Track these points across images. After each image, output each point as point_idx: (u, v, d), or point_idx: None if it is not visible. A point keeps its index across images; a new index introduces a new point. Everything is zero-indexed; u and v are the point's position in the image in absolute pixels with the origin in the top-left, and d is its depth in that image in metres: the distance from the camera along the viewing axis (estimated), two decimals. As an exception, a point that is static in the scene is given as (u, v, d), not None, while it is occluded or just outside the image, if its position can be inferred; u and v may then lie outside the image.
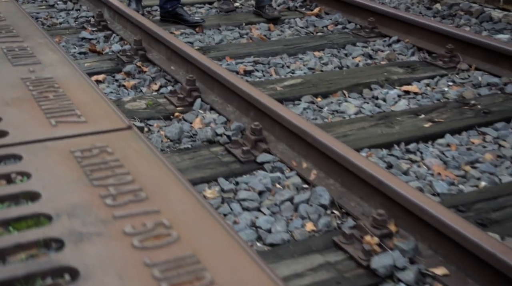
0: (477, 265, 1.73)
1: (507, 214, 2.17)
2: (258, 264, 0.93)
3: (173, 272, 0.89)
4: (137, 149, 1.29)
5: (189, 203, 1.09)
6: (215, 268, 0.91)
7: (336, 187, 2.24)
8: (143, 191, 1.11)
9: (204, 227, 1.02)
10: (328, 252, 1.93)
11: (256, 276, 0.91)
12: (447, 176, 2.47)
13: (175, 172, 1.19)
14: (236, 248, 0.97)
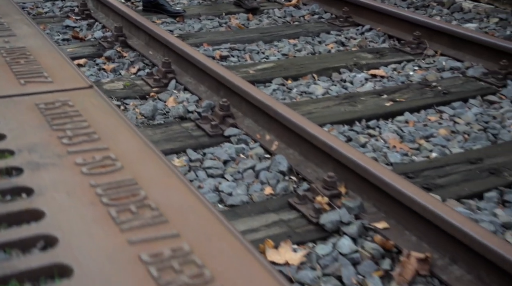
0: (413, 219, 1.90)
1: (451, 180, 2.34)
2: (187, 185, 1.10)
3: (113, 190, 1.06)
4: (95, 104, 1.45)
5: (135, 143, 1.26)
6: (149, 188, 1.08)
7: (294, 155, 2.42)
8: (96, 134, 1.27)
9: (146, 161, 1.19)
10: (282, 212, 2.11)
11: (183, 194, 1.08)
12: (402, 148, 2.65)
13: (126, 120, 1.36)
14: (171, 175, 1.14)
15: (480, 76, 3.45)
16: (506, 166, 2.45)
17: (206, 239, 0.90)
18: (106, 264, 0.84)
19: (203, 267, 0.82)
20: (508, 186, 2.33)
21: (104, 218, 0.98)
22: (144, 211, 0.98)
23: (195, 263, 0.82)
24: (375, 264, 1.83)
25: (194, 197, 1.05)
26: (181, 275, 0.80)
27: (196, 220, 0.96)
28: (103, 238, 0.91)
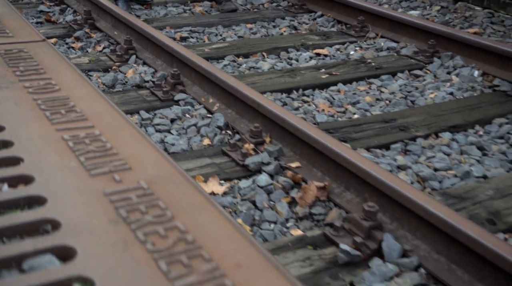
0: (320, 159, 2.28)
1: (365, 135, 2.73)
2: (112, 106, 1.47)
3: (50, 102, 1.43)
4: (46, 52, 1.82)
5: (73, 76, 1.63)
6: (78, 103, 1.45)
7: (232, 114, 2.80)
8: (43, 70, 1.64)
9: (78, 87, 1.56)
10: (216, 157, 2.48)
11: (103, 106, 1.45)
12: (329, 111, 3.04)
13: (71, 65, 1.73)
14: (97, 96, 1.51)
15: (411, 55, 3.85)
16: (415, 124, 2.85)
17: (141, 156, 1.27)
18: (38, 141, 1.21)
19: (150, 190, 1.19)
20: (413, 139, 2.73)
21: (41, 117, 1.35)
22: (70, 113, 1.35)
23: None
24: (285, 193, 2.21)
25: (117, 114, 1.43)
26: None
27: (109, 121, 1.34)
28: (37, 127, 1.28)
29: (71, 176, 1.06)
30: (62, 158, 1.13)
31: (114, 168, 1.09)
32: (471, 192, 2.26)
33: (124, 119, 1.34)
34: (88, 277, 0.77)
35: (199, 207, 0.96)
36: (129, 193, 0.99)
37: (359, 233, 1.91)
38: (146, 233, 0.87)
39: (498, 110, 3.06)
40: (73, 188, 1.01)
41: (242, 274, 0.78)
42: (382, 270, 1.79)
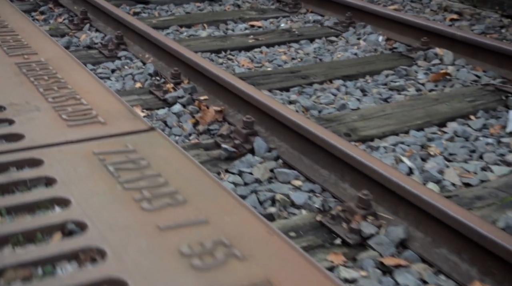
0: (223, 92, 2.87)
1: (271, 81, 3.33)
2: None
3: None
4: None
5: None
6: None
7: (161, 64, 3.39)
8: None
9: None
10: (143, 95, 3.07)
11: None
12: (248, 66, 3.64)
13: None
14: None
15: (331, 25, 4.46)
16: (314, 74, 3.45)
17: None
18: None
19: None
20: (310, 84, 3.32)
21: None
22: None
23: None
24: (191, 116, 2.80)
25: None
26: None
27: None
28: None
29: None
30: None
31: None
32: (340, 117, 2.87)
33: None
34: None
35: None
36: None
37: (239, 138, 2.50)
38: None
39: (389, 64, 3.67)
40: None
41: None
42: (250, 161, 2.38)
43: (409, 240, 1.90)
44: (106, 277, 0.82)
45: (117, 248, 0.88)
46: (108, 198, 1.01)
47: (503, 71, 3.42)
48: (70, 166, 1.11)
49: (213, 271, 0.84)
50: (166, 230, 0.93)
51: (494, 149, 2.64)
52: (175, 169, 1.12)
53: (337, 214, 2.01)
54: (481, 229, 1.72)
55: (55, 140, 1.21)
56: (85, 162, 1.13)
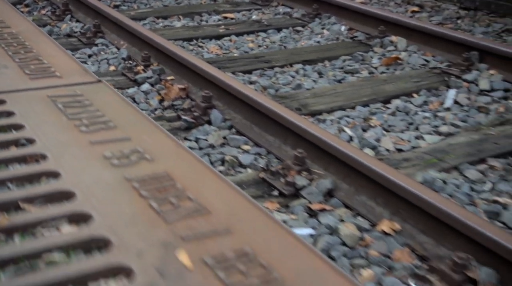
0: (187, 73, 3.15)
1: (235, 65, 3.61)
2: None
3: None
4: None
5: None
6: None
7: (134, 50, 3.67)
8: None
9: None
10: (116, 76, 3.34)
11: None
12: (216, 52, 3.92)
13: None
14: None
15: (299, 17, 4.75)
16: (277, 59, 3.73)
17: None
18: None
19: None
20: (271, 67, 3.61)
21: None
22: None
23: None
24: (157, 93, 3.08)
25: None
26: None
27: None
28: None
29: None
30: None
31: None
32: (294, 95, 3.15)
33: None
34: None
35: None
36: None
37: (198, 111, 2.78)
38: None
39: (347, 51, 3.96)
40: None
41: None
42: (207, 130, 2.66)
43: (335, 190, 2.19)
44: (46, 171, 1.10)
45: (57, 154, 1.16)
46: (55, 125, 1.29)
47: (450, 56, 3.72)
48: (28, 105, 1.39)
49: (127, 167, 1.12)
50: (96, 143, 1.21)
51: (430, 122, 2.93)
52: (113, 107, 1.40)
53: (277, 170, 2.29)
54: (393, 177, 2.00)
55: (18, 87, 1.48)
56: (41, 102, 1.41)
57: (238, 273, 0.83)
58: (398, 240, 1.92)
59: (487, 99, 3.18)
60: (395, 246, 1.88)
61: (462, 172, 2.44)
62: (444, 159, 2.52)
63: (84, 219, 0.96)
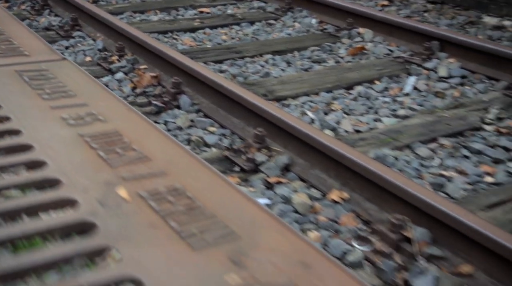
0: (158, 62, 3.29)
1: (207, 55, 3.76)
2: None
3: None
4: None
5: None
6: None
7: (109, 41, 3.80)
8: None
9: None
10: (91, 66, 3.48)
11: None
12: (190, 44, 4.06)
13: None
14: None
15: (272, 11, 4.91)
16: (248, 50, 3.89)
17: None
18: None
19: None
20: (242, 58, 3.76)
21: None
22: None
23: None
24: (130, 81, 3.22)
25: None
26: None
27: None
28: None
29: None
30: None
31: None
32: (262, 82, 3.31)
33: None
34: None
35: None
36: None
37: (168, 96, 2.93)
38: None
39: (316, 42, 4.12)
40: None
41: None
42: (175, 113, 2.81)
43: (292, 165, 2.34)
44: (9, 129, 1.24)
45: (20, 116, 1.30)
46: (20, 93, 1.43)
47: (412, 46, 3.89)
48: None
49: (81, 126, 1.26)
50: (55, 108, 1.35)
51: (388, 106, 3.10)
52: (74, 80, 1.55)
53: (239, 149, 2.44)
54: (343, 152, 2.16)
55: (-12, 64, 1.62)
56: (9, 76, 1.55)
57: (167, 203, 0.98)
58: (345, 207, 2.08)
59: (445, 85, 3.36)
60: (342, 212, 2.05)
61: (414, 150, 2.61)
62: (398, 139, 2.69)
63: (40, 165, 1.11)
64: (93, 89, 1.49)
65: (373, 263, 1.79)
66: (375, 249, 1.83)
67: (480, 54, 3.51)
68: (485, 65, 3.48)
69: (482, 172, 2.44)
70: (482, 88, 3.33)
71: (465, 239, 1.76)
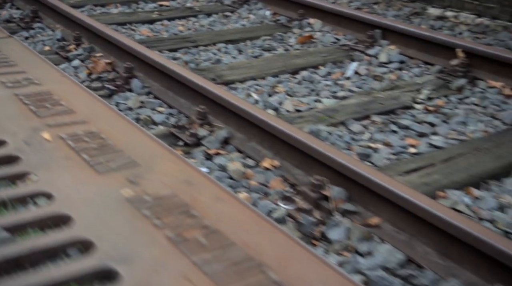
0: (114, 50, 3.46)
1: (163, 44, 3.93)
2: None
3: None
4: None
5: None
6: None
7: (68, 32, 3.96)
8: None
9: None
10: (49, 55, 3.62)
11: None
12: (147, 34, 4.24)
13: None
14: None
15: (229, 3, 5.11)
16: (202, 39, 4.08)
17: None
18: None
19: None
20: (195, 47, 3.95)
21: None
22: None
23: None
24: (86, 67, 3.38)
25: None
26: None
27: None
28: None
29: None
30: None
31: None
32: (212, 68, 3.50)
33: None
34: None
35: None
36: None
37: (121, 81, 3.11)
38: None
39: (268, 32, 4.33)
40: None
41: None
42: (127, 95, 2.99)
43: (231, 138, 2.54)
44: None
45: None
46: (-34, 64, 1.61)
47: (357, 34, 4.13)
48: None
49: (18, 88, 1.44)
50: (-3, 75, 1.53)
51: (329, 89, 3.32)
52: (17, 53, 1.72)
53: (183, 125, 2.64)
54: (276, 124, 2.37)
55: None
56: (-43, 50, 1.72)
57: (83, 142, 1.17)
58: (275, 173, 2.29)
59: (384, 70, 3.60)
60: (272, 177, 2.25)
61: (347, 126, 2.83)
62: (333, 116, 2.91)
63: (-23, 117, 1.29)
64: (32, 59, 1.67)
65: (295, 219, 2.00)
66: (297, 207, 2.04)
67: (417, 41, 3.76)
68: (422, 51, 3.73)
69: (407, 144, 2.67)
70: (418, 72, 3.57)
71: (375, 195, 1.98)
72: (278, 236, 0.91)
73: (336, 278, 0.86)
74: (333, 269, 0.91)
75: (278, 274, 0.81)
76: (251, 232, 0.91)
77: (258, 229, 0.92)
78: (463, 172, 2.39)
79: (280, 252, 0.87)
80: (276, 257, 0.84)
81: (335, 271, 0.89)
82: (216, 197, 0.99)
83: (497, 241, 1.68)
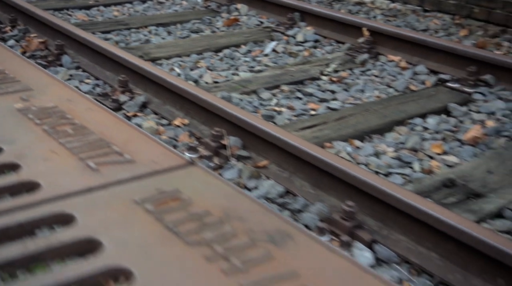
0: (51, 34, 3.70)
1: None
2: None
3: None
4: None
5: None
6: None
7: (4, 15, 4.17)
8: None
9: None
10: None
11: None
12: (83, 19, 4.48)
13: None
14: None
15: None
16: (134, 23, 4.35)
17: None
18: None
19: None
20: (127, 29, 4.21)
21: None
22: None
23: None
24: (20, 47, 3.61)
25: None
26: None
27: None
28: None
29: None
30: None
31: None
32: (141, 47, 3.78)
33: None
34: None
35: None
36: None
37: (52, 57, 3.35)
38: None
39: (198, 16, 4.63)
40: None
41: None
42: (57, 70, 3.25)
43: (149, 103, 2.84)
44: None
45: None
46: None
47: (279, 17, 4.47)
48: None
49: None
50: None
51: (248, 64, 3.66)
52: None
53: (107, 93, 2.92)
54: (187, 88, 2.68)
55: None
56: None
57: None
58: (184, 129, 2.60)
59: (299, 48, 3.95)
60: (181, 133, 2.56)
61: (258, 94, 3.16)
62: (247, 86, 3.24)
63: None
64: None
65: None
66: (200, 155, 2.36)
67: (331, 23, 4.13)
68: (335, 31, 4.11)
69: (308, 108, 3.02)
70: (330, 49, 3.95)
71: (265, 142, 2.32)
72: (125, 127, 1.22)
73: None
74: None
75: (122, 149, 1.12)
76: (109, 126, 1.22)
77: (113, 125, 1.23)
78: (351, 127, 2.75)
79: (124, 137, 1.19)
80: (122, 139, 1.15)
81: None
82: (88, 108, 1.29)
83: (359, 172, 2.03)
